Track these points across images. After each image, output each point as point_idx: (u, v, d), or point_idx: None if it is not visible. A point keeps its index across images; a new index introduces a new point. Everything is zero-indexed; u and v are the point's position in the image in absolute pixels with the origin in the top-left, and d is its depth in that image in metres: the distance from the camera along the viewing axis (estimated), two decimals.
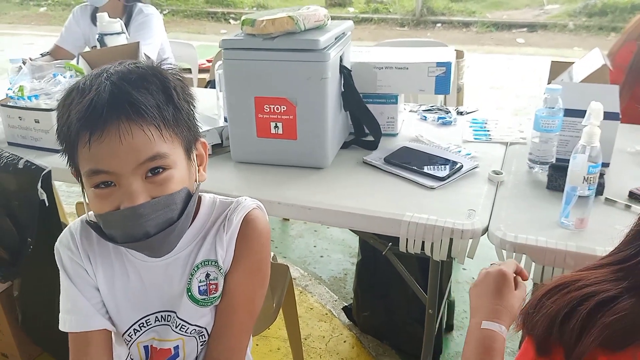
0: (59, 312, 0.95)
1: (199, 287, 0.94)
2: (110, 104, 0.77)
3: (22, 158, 1.44)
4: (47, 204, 1.43)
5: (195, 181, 0.91)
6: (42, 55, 2.45)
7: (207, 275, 0.94)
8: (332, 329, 2.05)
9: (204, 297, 0.94)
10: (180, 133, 0.85)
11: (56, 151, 0.86)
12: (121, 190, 0.81)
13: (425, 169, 1.39)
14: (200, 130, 1.54)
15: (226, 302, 0.95)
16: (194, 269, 0.93)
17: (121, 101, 0.78)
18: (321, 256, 2.54)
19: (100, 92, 0.78)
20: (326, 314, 2.14)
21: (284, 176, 1.42)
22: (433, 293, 1.42)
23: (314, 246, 2.61)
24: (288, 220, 2.75)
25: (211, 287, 0.94)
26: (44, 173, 1.41)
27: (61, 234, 0.96)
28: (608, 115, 1.26)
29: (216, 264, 0.94)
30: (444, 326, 1.98)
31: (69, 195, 2.98)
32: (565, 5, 7.58)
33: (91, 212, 0.89)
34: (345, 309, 2.13)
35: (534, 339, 0.66)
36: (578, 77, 1.40)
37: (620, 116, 1.32)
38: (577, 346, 0.61)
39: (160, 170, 0.82)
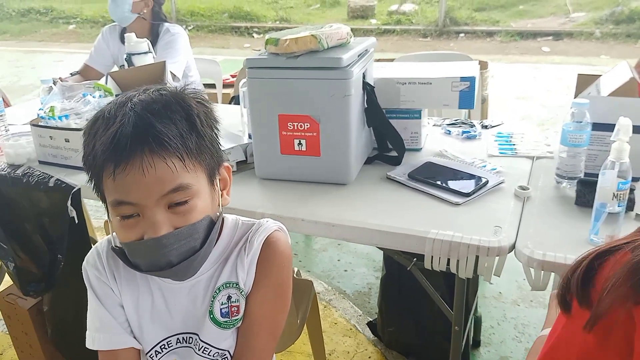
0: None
1: (220, 309, 0.94)
2: (133, 137, 0.78)
3: (52, 176, 1.48)
4: (77, 221, 1.47)
5: (219, 205, 0.92)
6: (72, 74, 2.53)
7: (229, 298, 0.94)
8: (357, 345, 2.04)
9: (225, 319, 0.95)
10: (203, 160, 0.86)
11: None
12: (145, 221, 0.82)
13: (450, 185, 1.38)
14: (225, 148, 1.56)
15: (248, 324, 0.96)
16: (215, 292, 0.94)
17: (144, 134, 0.79)
18: (345, 270, 2.53)
19: (124, 124, 0.79)
20: (350, 329, 2.13)
21: (308, 192, 1.43)
22: (459, 309, 1.40)
23: (338, 260, 2.61)
24: None
25: (233, 309, 0.95)
26: (73, 191, 1.44)
27: (88, 253, 0.99)
28: (637, 129, 1.24)
29: (237, 286, 0.94)
30: (471, 342, 1.95)
31: (97, 209, 3.04)
32: (591, 13, 7.47)
33: (116, 234, 0.91)
34: (370, 324, 2.11)
35: (557, 300, 0.70)
36: (605, 90, 1.38)
37: None
38: (585, 295, 0.65)
39: (184, 200, 0.83)
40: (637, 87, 1.36)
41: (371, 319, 2.13)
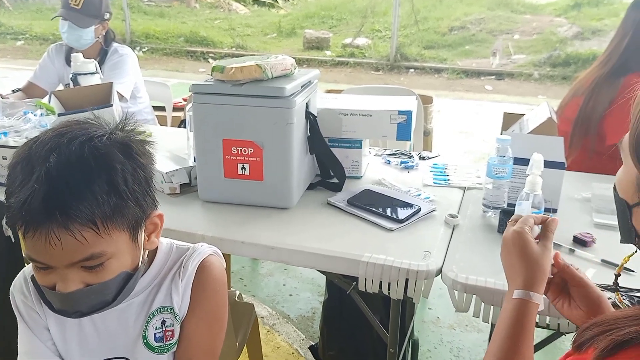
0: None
1: (154, 334, 0.95)
2: (41, 210, 0.75)
3: None
4: (13, 241, 1.43)
5: (144, 249, 0.91)
6: (14, 91, 2.47)
7: (163, 322, 0.96)
8: None
9: (160, 344, 0.96)
10: (124, 221, 0.82)
11: None
12: (56, 275, 0.81)
13: (386, 212, 1.45)
14: (170, 170, 1.58)
15: (184, 349, 0.97)
16: (149, 316, 0.95)
17: (53, 207, 0.76)
18: (290, 295, 2.55)
19: (35, 192, 0.75)
20: (292, 353, 2.15)
21: (250, 216, 1.46)
22: (394, 331, 1.45)
23: (284, 285, 2.63)
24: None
25: (167, 333, 0.96)
26: None
27: (15, 278, 0.98)
28: (554, 165, 1.36)
29: (172, 310, 0.96)
30: None
31: None
32: (531, 56, 7.97)
33: None
34: (311, 348, 2.13)
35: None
36: (527, 128, 1.50)
37: (567, 165, 1.41)
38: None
39: (97, 264, 0.82)
40: (554, 126, 1.49)
41: (313, 343, 2.15)
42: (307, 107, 1.52)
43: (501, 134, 1.53)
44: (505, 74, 7.46)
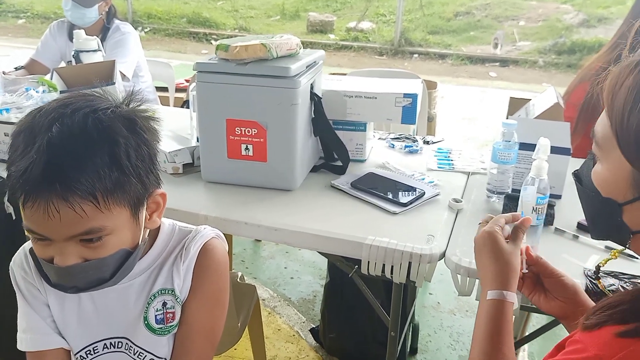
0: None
1: (155, 316, 0.95)
2: (40, 180, 0.74)
3: None
4: (14, 218, 1.43)
5: (145, 229, 0.90)
6: (17, 68, 2.46)
7: (164, 304, 0.95)
8: (299, 351, 2.07)
9: (160, 325, 0.95)
10: (125, 197, 0.81)
11: None
12: (55, 247, 0.81)
13: (389, 195, 1.44)
14: (173, 149, 1.57)
15: (185, 331, 0.96)
16: (150, 298, 0.94)
17: (53, 178, 0.74)
18: (291, 278, 2.56)
19: (36, 162, 0.74)
20: (293, 335, 2.16)
21: (253, 197, 1.45)
22: (395, 315, 1.45)
23: (285, 268, 2.63)
24: (260, 241, 2.77)
25: (168, 316, 0.95)
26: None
27: (15, 253, 0.97)
28: (560, 150, 1.35)
29: (173, 293, 0.95)
30: (408, 349, 2.02)
31: None
32: (536, 43, 7.88)
33: None
34: (312, 330, 2.14)
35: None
36: (534, 113, 1.49)
37: (572, 151, 1.40)
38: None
39: (96, 238, 0.81)
40: (561, 111, 1.48)
41: (314, 326, 2.16)
42: (311, 88, 1.51)
43: (507, 118, 1.51)
44: (509, 61, 7.38)
